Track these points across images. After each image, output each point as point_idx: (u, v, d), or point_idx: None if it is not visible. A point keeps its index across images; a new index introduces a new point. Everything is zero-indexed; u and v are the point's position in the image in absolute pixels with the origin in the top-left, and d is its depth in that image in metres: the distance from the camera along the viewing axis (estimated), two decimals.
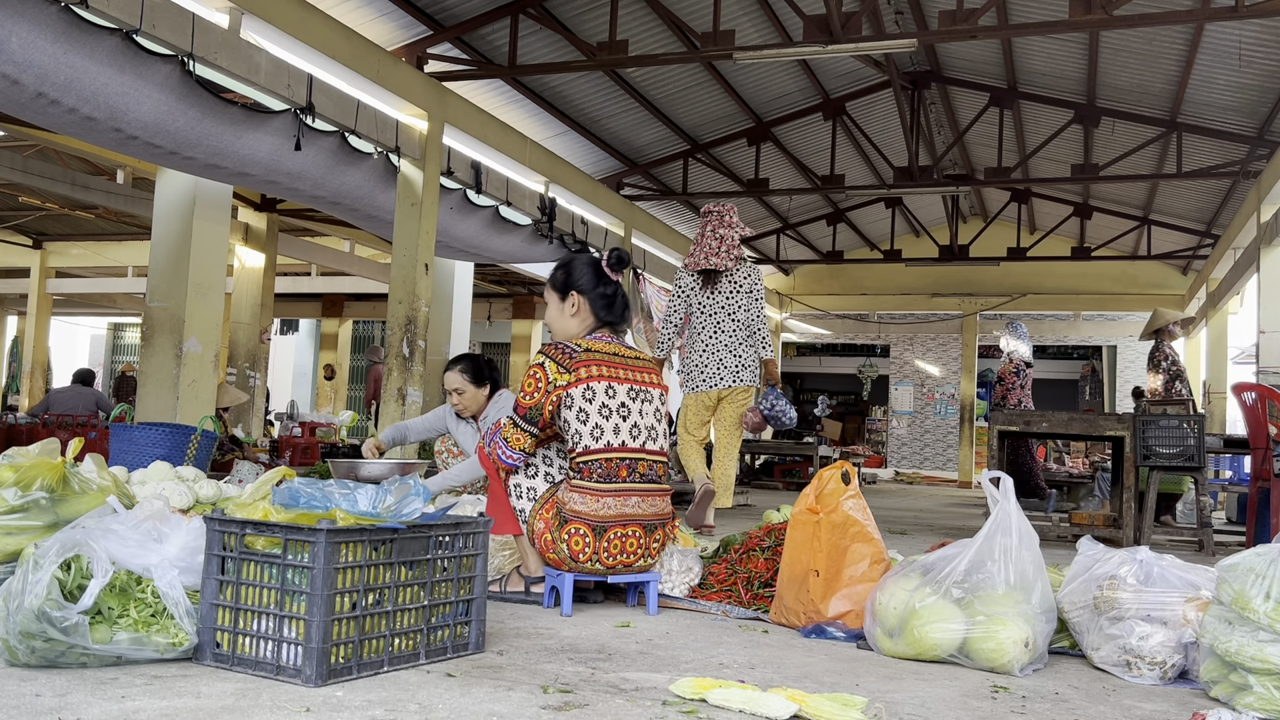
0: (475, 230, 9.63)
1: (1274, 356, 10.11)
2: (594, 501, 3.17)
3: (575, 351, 3.25)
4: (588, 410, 3.20)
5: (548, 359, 3.23)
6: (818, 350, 24.90)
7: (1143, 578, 2.73)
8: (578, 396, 3.19)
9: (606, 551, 3.18)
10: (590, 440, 3.19)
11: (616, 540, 3.19)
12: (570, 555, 3.16)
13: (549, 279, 3.49)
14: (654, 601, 3.31)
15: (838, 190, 13.28)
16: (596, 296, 3.39)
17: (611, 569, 3.22)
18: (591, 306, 3.39)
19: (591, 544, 3.16)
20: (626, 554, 3.22)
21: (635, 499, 3.24)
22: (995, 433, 6.81)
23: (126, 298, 19.20)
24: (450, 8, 8.75)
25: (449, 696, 2.15)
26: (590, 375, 3.22)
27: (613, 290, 3.42)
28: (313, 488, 2.40)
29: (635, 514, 3.23)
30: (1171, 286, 17.46)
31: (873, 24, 8.48)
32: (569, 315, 3.41)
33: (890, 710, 2.21)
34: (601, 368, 3.25)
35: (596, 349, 3.28)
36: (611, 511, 3.18)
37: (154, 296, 7.97)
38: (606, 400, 3.22)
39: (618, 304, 3.42)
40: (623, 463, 3.21)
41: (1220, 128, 11.28)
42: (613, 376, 3.26)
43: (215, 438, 5.32)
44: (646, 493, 3.27)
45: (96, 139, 6.32)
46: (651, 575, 3.33)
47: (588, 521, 3.16)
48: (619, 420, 3.23)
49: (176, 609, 2.30)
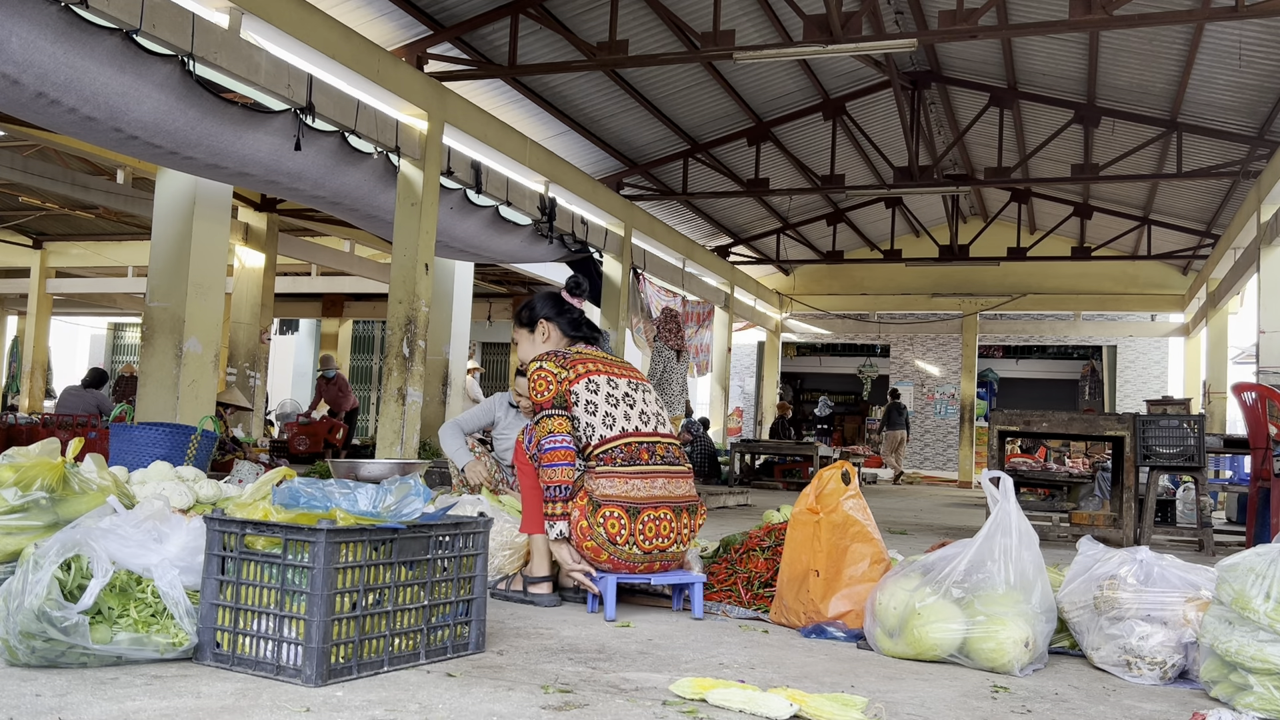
0: (475, 230, 9.63)
1: (1274, 356, 10.11)
2: (623, 484, 3.21)
3: (567, 354, 3.41)
4: (596, 401, 3.29)
5: (545, 362, 3.36)
6: (818, 350, 24.89)
7: (1143, 578, 2.73)
8: (582, 390, 3.30)
9: (643, 534, 3.20)
10: (605, 429, 3.27)
11: (651, 524, 3.22)
12: (608, 538, 3.16)
13: (515, 321, 3.70)
14: (699, 604, 3.29)
15: (838, 190, 13.28)
16: (563, 321, 3.59)
17: (648, 554, 3.22)
18: (560, 329, 3.58)
19: (628, 525, 3.18)
20: (661, 537, 3.24)
21: (661, 480, 3.29)
22: (995, 433, 6.82)
23: (126, 298, 19.20)
24: (450, 8, 8.75)
25: (449, 696, 2.15)
26: (588, 370, 3.35)
27: (576, 314, 3.63)
28: (313, 487, 2.40)
29: (664, 495, 3.28)
30: (1171, 286, 17.46)
31: (873, 24, 8.48)
32: (541, 343, 3.59)
33: (890, 710, 2.21)
34: (596, 364, 3.40)
35: (585, 352, 3.46)
36: (642, 493, 3.22)
37: (154, 296, 7.97)
38: (611, 390, 3.34)
39: (583, 325, 3.61)
40: (642, 446, 3.29)
41: (1220, 128, 11.28)
42: (609, 371, 3.41)
43: (215, 438, 5.31)
44: (670, 474, 3.33)
45: (96, 139, 6.32)
46: (696, 576, 3.32)
47: (621, 504, 3.19)
48: (627, 408, 3.34)
49: (177, 609, 2.30)
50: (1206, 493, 6.62)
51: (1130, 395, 20.54)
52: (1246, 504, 7.27)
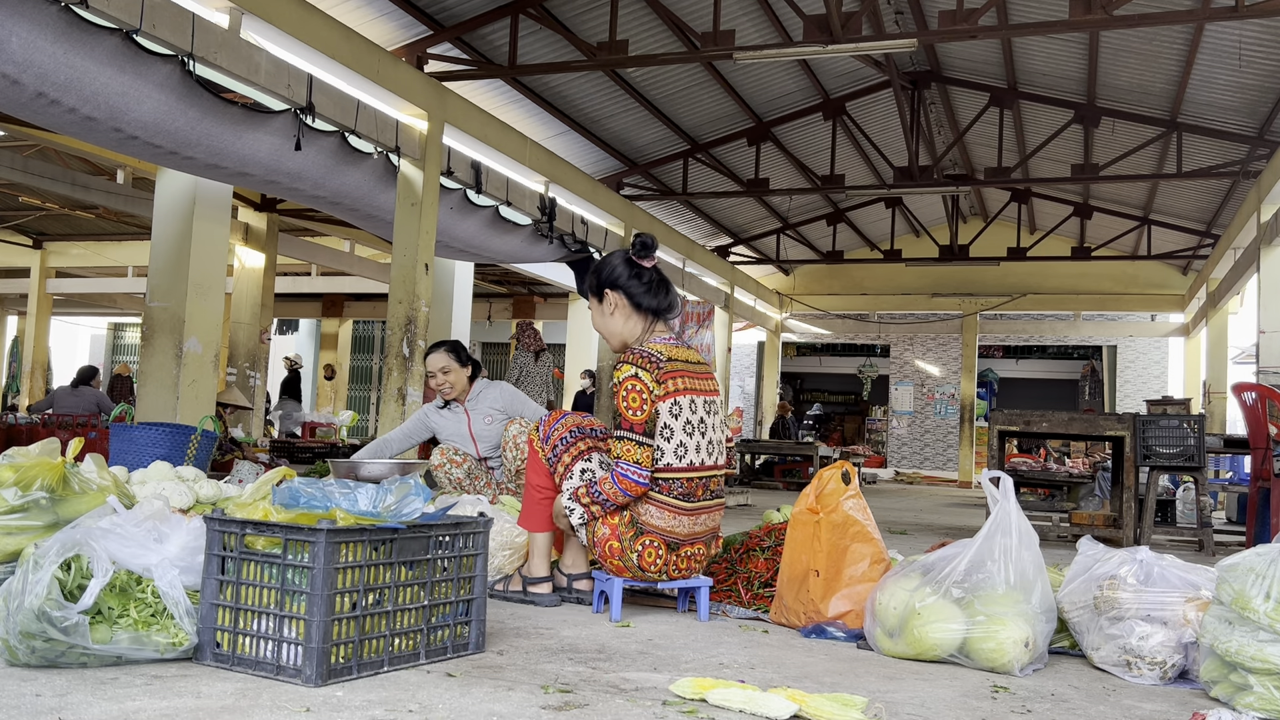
0: (475, 230, 9.63)
1: (1274, 356, 10.12)
2: (671, 519, 3.13)
3: (661, 361, 3.14)
4: (673, 426, 3.11)
5: (640, 369, 3.11)
6: (818, 350, 24.88)
7: (1143, 578, 2.73)
8: (664, 411, 3.11)
9: (675, 566, 3.17)
10: (674, 458, 3.12)
11: (685, 559, 3.19)
12: (639, 566, 3.11)
13: (585, 287, 3.39)
14: (705, 608, 3.26)
15: (838, 190, 13.28)
16: (632, 286, 3.26)
17: (673, 579, 3.21)
18: (630, 299, 3.26)
19: (664, 558, 3.13)
20: (690, 569, 3.23)
21: (704, 516, 3.21)
22: (995, 433, 6.81)
23: (126, 298, 19.20)
24: (450, 8, 8.75)
25: (449, 696, 2.15)
26: (678, 389, 3.13)
27: (648, 276, 3.28)
28: (313, 487, 2.40)
29: (702, 531, 3.22)
30: (1171, 286, 17.46)
31: (873, 24, 8.48)
32: (609, 315, 3.30)
33: (890, 710, 2.21)
34: (686, 379, 3.17)
35: (678, 357, 3.19)
36: (683, 530, 3.16)
37: (154, 296, 7.97)
38: (690, 416, 3.15)
39: (656, 288, 3.27)
40: (700, 482, 3.17)
41: (1220, 128, 11.28)
42: (693, 389, 3.18)
43: (215, 438, 5.31)
44: (712, 509, 3.25)
45: (96, 139, 6.32)
46: (702, 580, 3.29)
47: (663, 537, 3.13)
48: (700, 437, 3.17)
49: (176, 609, 2.30)
50: (1206, 493, 6.62)
51: (1130, 395, 20.54)
52: (1246, 504, 7.27)
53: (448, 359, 4.86)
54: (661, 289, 3.28)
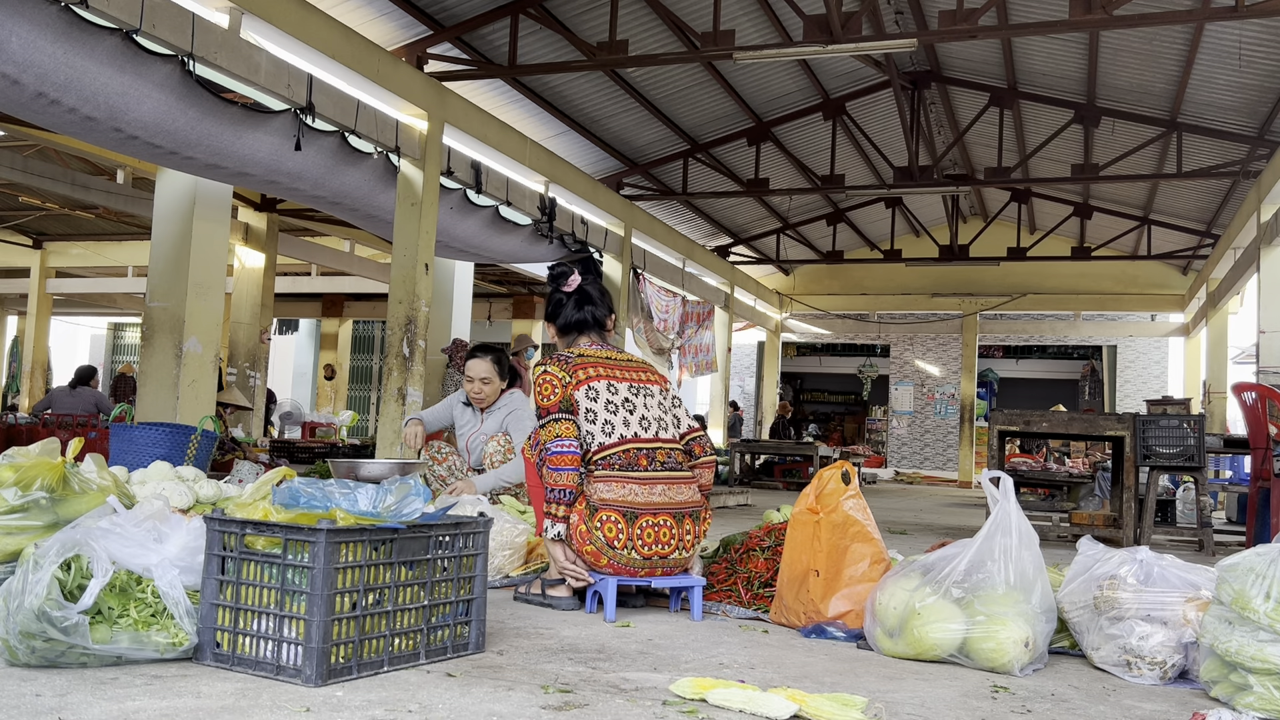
0: (475, 230, 9.63)
1: (1274, 356, 10.12)
2: (620, 488, 3.22)
3: (570, 357, 3.41)
4: (595, 409, 3.30)
5: (549, 364, 3.38)
6: (818, 350, 24.88)
7: (1143, 578, 2.73)
8: (582, 398, 3.31)
9: (641, 540, 3.20)
10: (604, 436, 3.28)
11: (650, 529, 3.22)
12: (606, 542, 3.18)
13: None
14: (698, 607, 3.28)
15: (838, 190, 13.28)
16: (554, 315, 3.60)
17: (648, 559, 3.22)
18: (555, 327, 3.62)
19: (625, 530, 3.18)
20: (661, 544, 3.24)
21: (661, 486, 3.28)
22: (995, 433, 6.81)
23: (126, 298, 19.20)
24: (450, 8, 8.75)
25: (449, 696, 2.15)
26: (589, 376, 3.36)
27: (568, 300, 3.59)
28: (313, 487, 2.40)
29: (663, 502, 3.27)
30: (1171, 286, 17.46)
31: (873, 24, 8.48)
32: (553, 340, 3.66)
33: (890, 710, 2.21)
34: (601, 368, 3.40)
35: (588, 354, 3.45)
36: (640, 499, 3.22)
37: (154, 296, 7.97)
38: (610, 396, 3.34)
39: (574, 308, 3.57)
40: (640, 452, 3.29)
41: (1220, 128, 11.28)
42: (609, 375, 3.40)
43: (215, 438, 5.31)
44: (671, 481, 3.32)
45: (96, 139, 6.31)
46: (695, 580, 3.31)
47: (618, 508, 3.20)
48: (626, 414, 3.34)
49: (176, 609, 2.30)
50: (1206, 493, 6.62)
51: (1130, 395, 20.54)
52: (1246, 504, 7.27)
53: (491, 370, 4.90)
54: (578, 307, 3.57)
